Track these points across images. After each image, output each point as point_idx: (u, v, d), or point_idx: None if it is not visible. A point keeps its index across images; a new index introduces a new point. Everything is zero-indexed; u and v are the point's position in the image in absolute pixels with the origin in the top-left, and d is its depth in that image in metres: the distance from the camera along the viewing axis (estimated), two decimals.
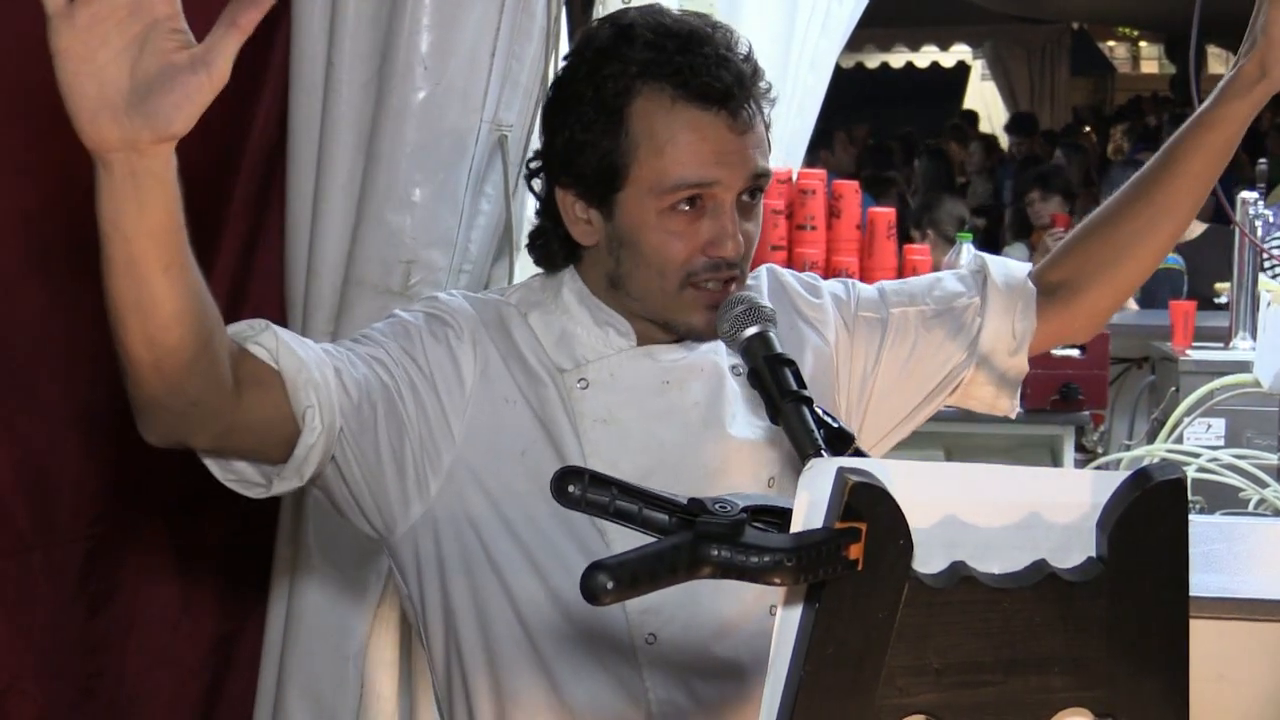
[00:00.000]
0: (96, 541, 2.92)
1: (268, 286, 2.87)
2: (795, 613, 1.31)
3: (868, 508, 1.30)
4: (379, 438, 2.13)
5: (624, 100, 2.11)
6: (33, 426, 2.86)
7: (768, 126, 2.18)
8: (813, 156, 8.66)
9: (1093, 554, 1.39)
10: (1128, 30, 20.83)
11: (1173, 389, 5.66)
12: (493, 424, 2.18)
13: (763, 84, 2.17)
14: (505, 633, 2.19)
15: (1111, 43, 21.35)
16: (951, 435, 5.13)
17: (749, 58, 2.16)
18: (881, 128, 15.23)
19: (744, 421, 2.24)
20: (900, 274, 4.95)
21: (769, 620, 1.35)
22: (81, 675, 2.93)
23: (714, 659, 2.17)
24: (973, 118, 18.16)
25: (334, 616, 2.90)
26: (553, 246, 2.25)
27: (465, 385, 2.17)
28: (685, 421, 2.20)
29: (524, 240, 2.79)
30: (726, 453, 2.19)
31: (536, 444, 2.17)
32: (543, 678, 2.19)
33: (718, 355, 2.25)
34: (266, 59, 2.84)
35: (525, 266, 2.88)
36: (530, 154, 2.33)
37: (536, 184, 2.27)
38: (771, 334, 1.95)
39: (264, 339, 2.00)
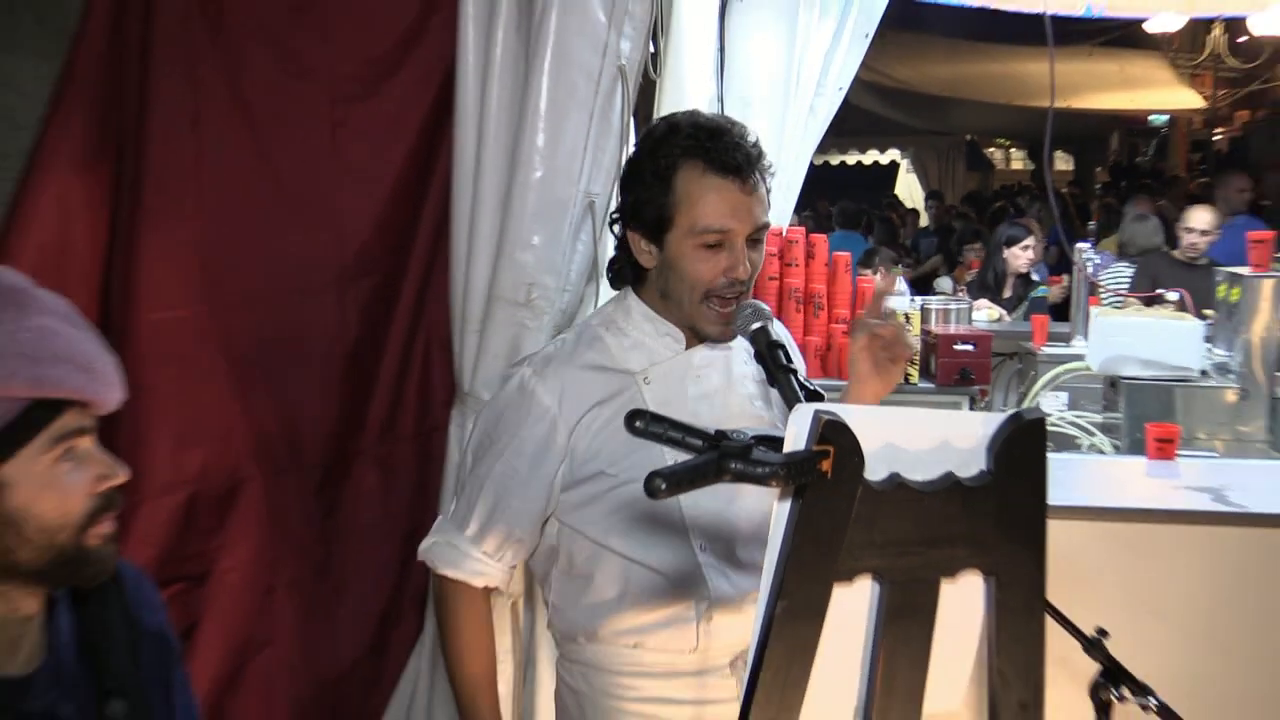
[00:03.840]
0: (327, 469, 2.93)
1: (440, 301, 2.87)
2: (786, 505, 1.31)
3: (834, 437, 1.30)
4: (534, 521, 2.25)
5: (671, 171, 2.12)
6: (289, 389, 2.87)
7: (768, 191, 2.17)
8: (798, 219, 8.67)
9: (984, 468, 1.38)
10: (1003, 140, 20.76)
11: (1032, 373, 5.64)
12: (594, 423, 2.18)
13: (766, 162, 2.16)
14: (603, 539, 2.20)
15: (992, 149, 21.26)
16: (886, 401, 5.12)
17: (755, 144, 2.16)
18: (852, 205, 15.15)
19: (748, 396, 2.26)
20: (854, 297, 4.94)
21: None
22: (318, 559, 2.94)
23: (742, 558, 2.18)
24: (897, 200, 18.21)
25: None
26: (624, 270, 2.25)
27: (561, 429, 2.19)
28: (712, 402, 2.20)
29: (605, 269, 2.80)
30: (738, 418, 2.18)
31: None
32: (633, 565, 2.19)
33: (730, 356, 2.24)
34: (437, 151, 2.85)
35: (605, 289, 2.88)
36: (613, 211, 2.33)
37: (616, 229, 2.26)
38: (769, 327, 1.99)
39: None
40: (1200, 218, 6.89)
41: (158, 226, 2.76)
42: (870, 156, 19.62)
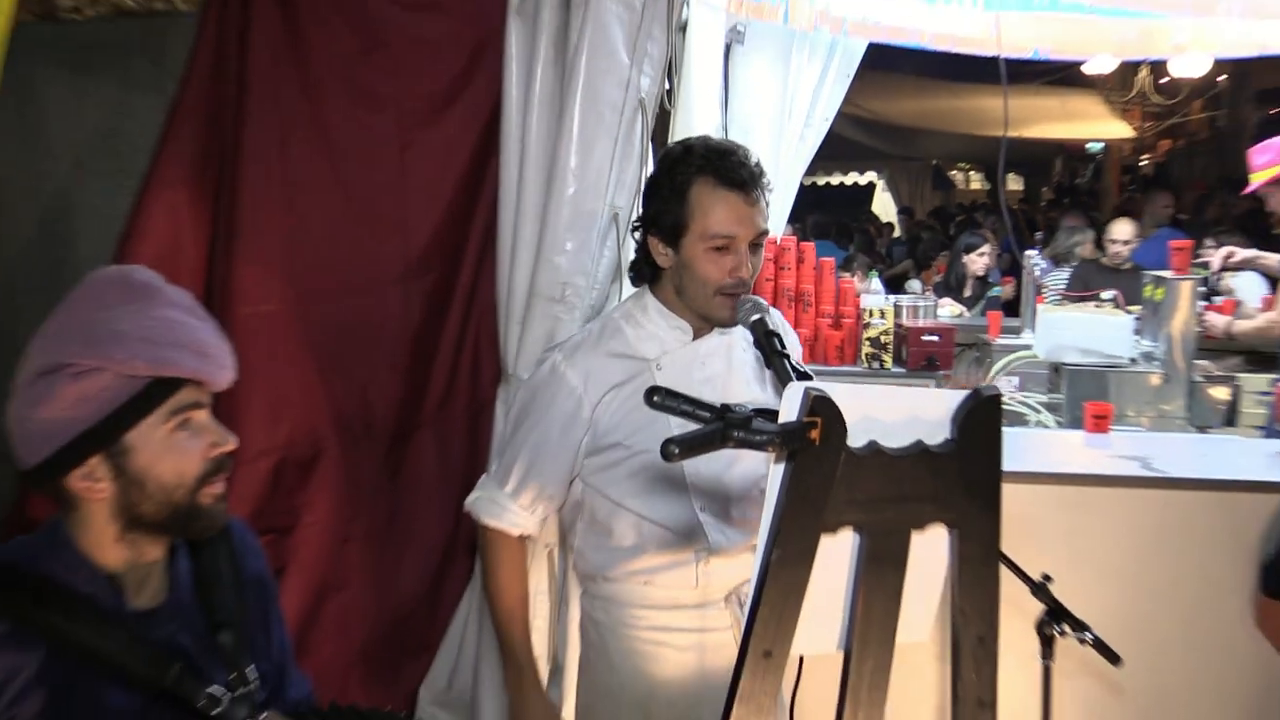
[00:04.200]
0: (393, 438, 2.92)
1: (488, 297, 2.86)
2: (781, 468, 1.30)
3: (822, 410, 1.29)
4: (562, 481, 2.26)
5: (687, 186, 2.11)
6: (361, 371, 2.87)
7: (768, 204, 2.16)
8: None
9: (949, 436, 1.37)
10: (964, 164, 20.63)
11: (988, 360, 5.63)
12: (612, 402, 2.18)
13: (766, 180, 2.15)
14: (620, 499, 2.20)
15: (954, 171, 21.11)
16: (865, 382, 5.09)
17: (758, 164, 2.15)
18: (826, 218, 15.05)
19: (746, 379, 2.24)
20: (837, 295, 4.92)
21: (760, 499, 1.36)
22: (385, 513, 2.94)
23: (736, 525, 2.17)
24: (874, 215, 18.11)
25: None
26: (644, 269, 2.24)
27: (586, 407, 2.19)
28: (714, 385, 2.18)
29: (627, 270, 2.79)
30: (737, 399, 2.17)
31: (638, 399, 2.19)
32: (643, 521, 2.19)
33: (731, 346, 2.23)
34: (486, 170, 2.84)
35: (626, 286, 2.87)
36: (634, 219, 2.31)
37: (637, 235, 2.25)
38: (766, 318, 1.98)
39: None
40: (1122, 230, 6.87)
41: (252, 234, 2.77)
42: (851, 178, 19.51)
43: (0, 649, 1.46)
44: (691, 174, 2.11)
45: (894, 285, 9.14)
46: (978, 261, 7.66)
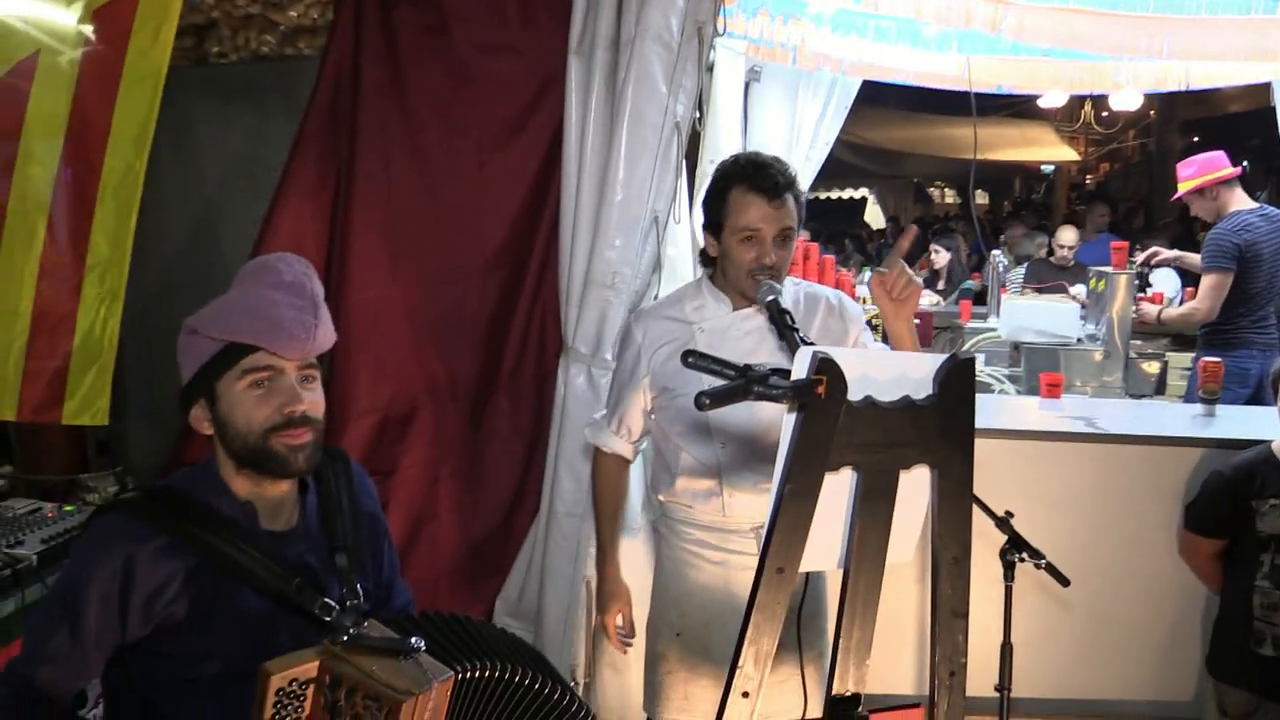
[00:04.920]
0: (474, 399, 2.92)
1: (551, 284, 2.85)
2: (793, 417, 1.27)
3: (826, 370, 1.26)
4: (637, 414, 2.27)
5: (727, 190, 2.11)
6: (449, 344, 2.87)
7: (798, 207, 2.13)
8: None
9: (931, 393, 1.33)
10: (940, 182, 20.36)
11: (960, 340, 5.56)
12: (663, 354, 2.18)
13: (798, 189, 2.14)
14: (669, 433, 2.21)
15: (932, 188, 20.84)
16: None
17: (788, 175, 2.12)
18: (827, 227, 14.88)
19: (772, 347, 2.20)
20: (837, 285, 4.87)
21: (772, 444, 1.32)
22: (468, 459, 2.93)
23: (755, 463, 2.15)
24: (866, 224, 17.89)
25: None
26: (705, 257, 2.23)
27: (644, 356, 2.20)
28: (740, 348, 2.15)
29: (666, 263, 2.76)
30: (761, 361, 2.13)
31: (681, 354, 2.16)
32: (682, 452, 2.19)
33: (763, 321, 2.20)
34: (550, 182, 2.81)
35: (666, 278, 2.84)
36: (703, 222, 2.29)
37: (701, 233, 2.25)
38: (779, 297, 1.96)
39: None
40: (1067, 236, 6.80)
41: (361, 235, 2.77)
42: (847, 193, 19.28)
43: (162, 558, 1.47)
44: (732, 181, 2.11)
45: None
46: (942, 256, 7.65)
